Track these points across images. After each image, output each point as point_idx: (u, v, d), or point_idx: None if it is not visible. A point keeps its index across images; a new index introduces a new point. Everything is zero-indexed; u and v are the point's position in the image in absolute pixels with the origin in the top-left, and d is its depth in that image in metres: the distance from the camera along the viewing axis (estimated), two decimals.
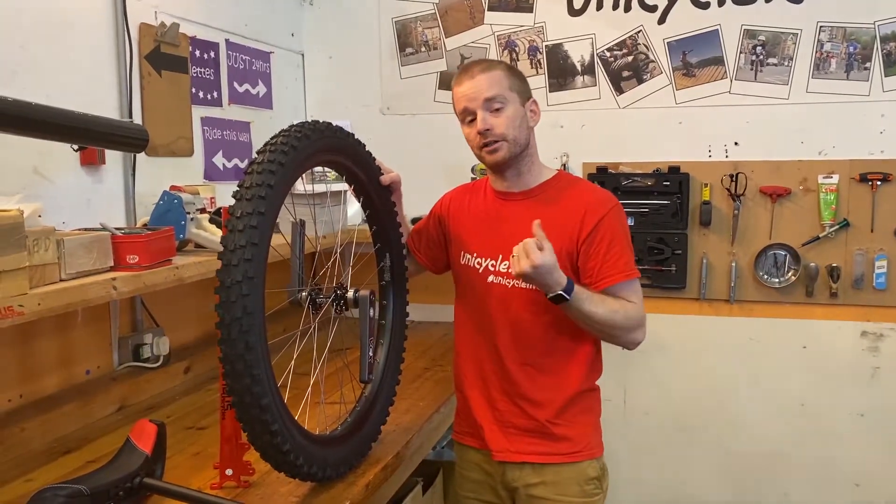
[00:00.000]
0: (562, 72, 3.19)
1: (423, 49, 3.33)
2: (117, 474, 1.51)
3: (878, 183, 2.88)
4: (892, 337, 2.95)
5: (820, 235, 2.95)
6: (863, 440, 3.00)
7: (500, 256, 1.86)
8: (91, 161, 2.19)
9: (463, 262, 1.95)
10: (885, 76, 2.86)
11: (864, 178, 2.89)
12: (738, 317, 3.09)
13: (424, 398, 2.33)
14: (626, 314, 1.78)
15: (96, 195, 2.24)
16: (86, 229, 1.96)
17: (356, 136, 1.80)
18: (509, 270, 1.79)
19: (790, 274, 3.01)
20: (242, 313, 1.36)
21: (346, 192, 2.69)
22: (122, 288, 1.84)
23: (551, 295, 1.69)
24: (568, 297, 1.68)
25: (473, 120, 1.82)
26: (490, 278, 1.88)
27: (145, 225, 2.18)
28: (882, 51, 2.85)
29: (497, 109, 1.80)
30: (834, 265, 2.95)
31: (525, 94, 1.86)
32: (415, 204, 2.29)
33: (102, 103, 2.25)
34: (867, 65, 2.87)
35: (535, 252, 1.63)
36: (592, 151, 3.17)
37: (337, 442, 1.70)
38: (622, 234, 1.83)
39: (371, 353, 1.70)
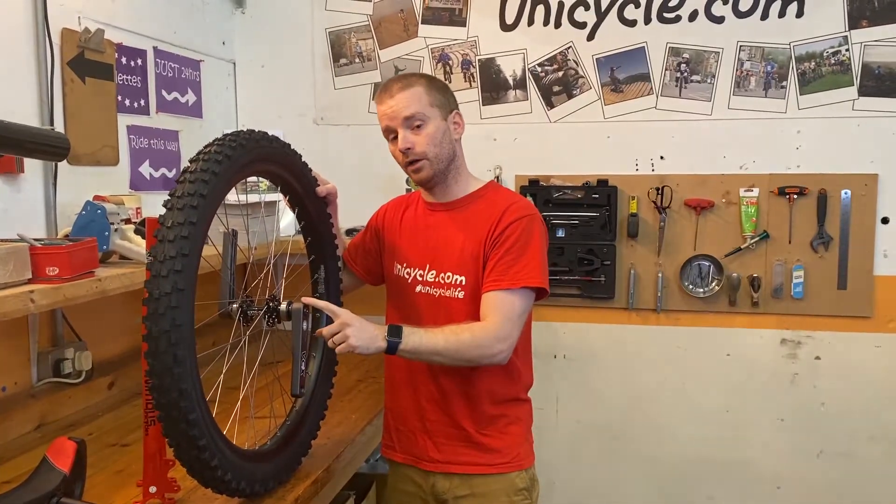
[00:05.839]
0: (494, 86, 3.23)
1: (356, 60, 3.33)
2: (32, 495, 1.44)
3: (795, 196, 3.00)
4: (808, 344, 3.08)
5: (742, 247, 3.06)
6: (783, 444, 3.12)
7: (428, 266, 1.88)
8: (8, 169, 2.11)
9: (395, 273, 1.96)
10: (801, 94, 2.99)
11: (782, 192, 3.01)
12: (665, 325, 3.18)
13: (357, 410, 2.32)
14: (471, 338, 1.72)
15: (14, 205, 2.15)
16: (2, 240, 1.88)
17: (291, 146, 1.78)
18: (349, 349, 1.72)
19: (714, 284, 3.11)
20: (171, 325, 1.33)
21: (279, 202, 2.66)
22: (41, 301, 1.78)
23: (385, 347, 1.69)
24: (398, 338, 1.68)
25: (396, 137, 1.84)
26: (418, 288, 1.90)
27: (67, 236, 2.11)
28: (797, 70, 2.99)
29: (417, 127, 1.81)
30: (755, 275, 3.06)
31: (447, 108, 1.86)
32: (349, 215, 2.27)
33: (22, 110, 2.16)
34: (784, 83, 3.00)
35: (342, 332, 1.67)
36: (524, 164, 3.22)
37: (266, 457, 1.67)
38: (526, 243, 1.78)
39: (303, 367, 1.68)
